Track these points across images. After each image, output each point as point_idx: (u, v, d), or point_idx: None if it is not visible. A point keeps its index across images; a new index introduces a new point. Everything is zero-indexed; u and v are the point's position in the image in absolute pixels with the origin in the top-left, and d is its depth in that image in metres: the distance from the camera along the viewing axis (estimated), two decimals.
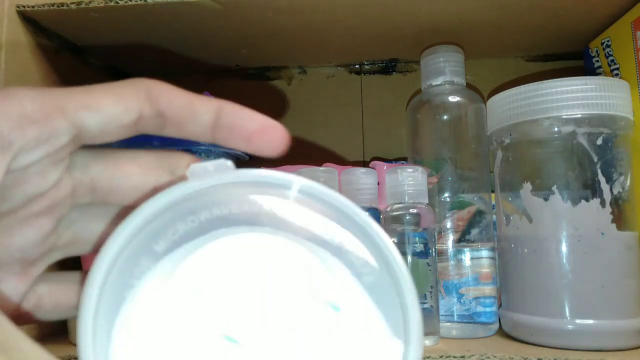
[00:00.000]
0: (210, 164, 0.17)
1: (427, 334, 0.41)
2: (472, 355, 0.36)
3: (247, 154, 0.49)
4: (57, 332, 0.49)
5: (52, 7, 0.44)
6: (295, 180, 0.17)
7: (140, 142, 0.23)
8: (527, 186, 0.41)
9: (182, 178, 0.18)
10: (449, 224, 0.46)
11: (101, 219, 0.22)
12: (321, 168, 0.43)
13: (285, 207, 0.17)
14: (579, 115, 0.39)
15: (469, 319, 0.44)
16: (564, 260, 0.39)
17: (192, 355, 0.16)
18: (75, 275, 0.22)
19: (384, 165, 0.49)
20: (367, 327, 0.16)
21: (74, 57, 0.54)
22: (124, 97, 0.19)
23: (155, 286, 0.16)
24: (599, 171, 0.39)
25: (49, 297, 0.21)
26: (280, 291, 0.16)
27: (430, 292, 0.42)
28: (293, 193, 0.17)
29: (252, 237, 0.17)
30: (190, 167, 0.17)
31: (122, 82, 0.19)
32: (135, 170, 0.20)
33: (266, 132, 0.19)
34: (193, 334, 0.16)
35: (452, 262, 0.45)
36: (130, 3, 0.43)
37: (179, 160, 0.21)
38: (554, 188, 0.40)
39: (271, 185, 0.17)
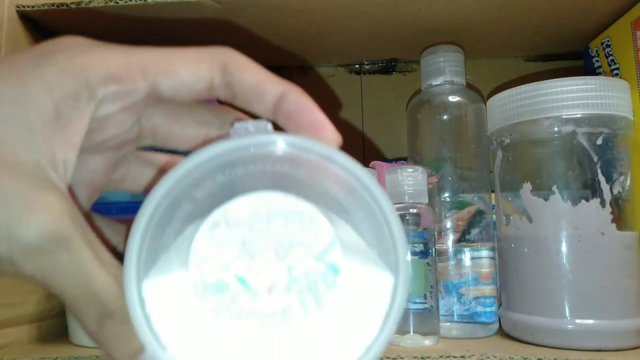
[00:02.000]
0: (252, 125, 0.19)
1: (427, 333, 0.41)
2: (472, 355, 0.36)
3: None
4: (58, 332, 0.49)
5: (52, 7, 0.44)
6: (333, 153, 0.18)
7: None
8: (527, 186, 0.41)
9: (226, 135, 0.20)
10: (449, 224, 0.46)
11: (150, 165, 0.25)
12: None
13: (310, 172, 0.19)
14: (579, 115, 0.39)
15: (469, 319, 0.44)
16: (564, 260, 0.39)
17: (203, 287, 0.18)
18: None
19: (384, 166, 0.49)
20: (366, 268, 0.18)
21: None
22: (199, 65, 0.21)
23: (191, 229, 0.19)
24: (599, 171, 0.39)
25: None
26: (292, 244, 0.19)
27: (430, 292, 0.42)
28: (331, 162, 0.18)
29: (276, 196, 0.19)
30: (234, 126, 0.19)
31: (202, 49, 0.21)
32: (190, 122, 0.24)
33: (315, 129, 0.21)
34: (212, 270, 0.18)
35: (452, 262, 0.45)
36: (130, 3, 0.43)
37: (228, 117, 0.24)
38: (554, 188, 0.40)
39: (308, 151, 0.18)
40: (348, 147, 0.19)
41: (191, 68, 0.21)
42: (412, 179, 0.43)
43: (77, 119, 0.20)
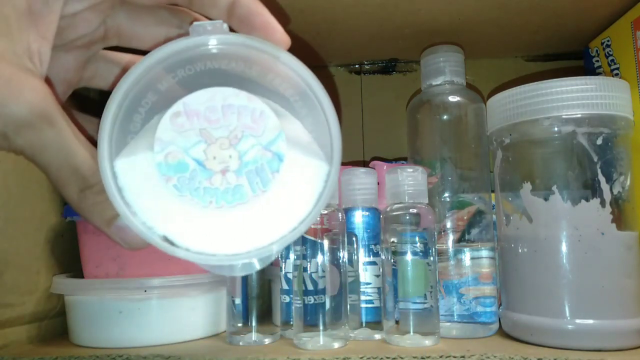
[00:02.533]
0: (209, 24, 0.21)
1: (427, 333, 0.41)
2: (472, 355, 0.36)
3: None
4: (58, 332, 0.49)
5: None
6: (280, 53, 0.21)
7: None
8: (527, 186, 0.41)
9: (186, 33, 0.22)
10: (449, 224, 0.46)
11: (117, 64, 0.28)
12: None
13: (262, 71, 0.22)
14: (579, 115, 0.39)
15: (469, 319, 0.44)
16: (564, 260, 0.39)
17: (166, 167, 0.21)
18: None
19: (384, 165, 0.50)
20: (307, 157, 0.22)
21: None
22: None
23: (155, 118, 0.21)
24: (599, 171, 0.39)
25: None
26: (244, 134, 0.21)
27: (430, 292, 0.42)
28: (278, 60, 0.21)
29: (231, 92, 0.21)
30: (193, 25, 0.21)
31: None
32: (152, 22, 0.26)
33: (266, 31, 0.23)
34: (174, 153, 0.21)
35: (452, 262, 0.45)
36: None
37: (186, 18, 0.26)
38: (554, 188, 0.40)
39: (258, 50, 0.21)
40: (348, 147, 0.20)
41: None
42: (412, 179, 0.43)
43: (48, 13, 0.22)
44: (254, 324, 0.43)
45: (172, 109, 0.21)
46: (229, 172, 0.21)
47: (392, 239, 0.43)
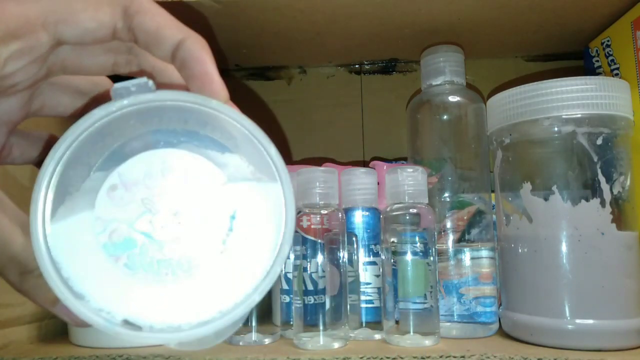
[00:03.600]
0: (132, 84, 0.19)
1: (427, 333, 0.41)
2: (472, 355, 0.36)
3: None
4: (58, 332, 0.49)
5: None
6: (213, 103, 0.20)
7: None
8: (527, 186, 0.41)
9: (107, 97, 0.20)
10: (449, 224, 0.46)
11: (65, 90, 0.26)
12: (321, 168, 0.43)
13: (198, 123, 0.20)
14: (579, 115, 0.39)
15: (469, 319, 0.44)
16: (564, 260, 0.39)
17: (113, 247, 0.19)
18: (41, 135, 0.27)
19: (384, 165, 0.50)
20: (259, 206, 0.20)
21: None
22: (100, 10, 0.21)
23: (90, 190, 0.20)
24: (599, 171, 0.39)
25: (17, 147, 0.27)
26: (192, 199, 0.20)
27: (430, 292, 0.42)
28: (213, 111, 0.20)
29: (172, 153, 0.20)
30: (113, 87, 0.19)
31: None
32: (99, 51, 0.24)
33: (203, 81, 0.21)
34: (118, 230, 0.19)
35: (452, 262, 0.45)
36: None
37: (131, 48, 0.24)
38: (554, 188, 0.40)
39: (192, 106, 0.19)
40: (348, 147, 0.20)
41: (91, 14, 0.21)
42: (412, 179, 0.43)
43: None
44: (254, 324, 0.43)
45: (107, 183, 0.20)
46: (181, 241, 0.20)
47: (392, 239, 0.43)
